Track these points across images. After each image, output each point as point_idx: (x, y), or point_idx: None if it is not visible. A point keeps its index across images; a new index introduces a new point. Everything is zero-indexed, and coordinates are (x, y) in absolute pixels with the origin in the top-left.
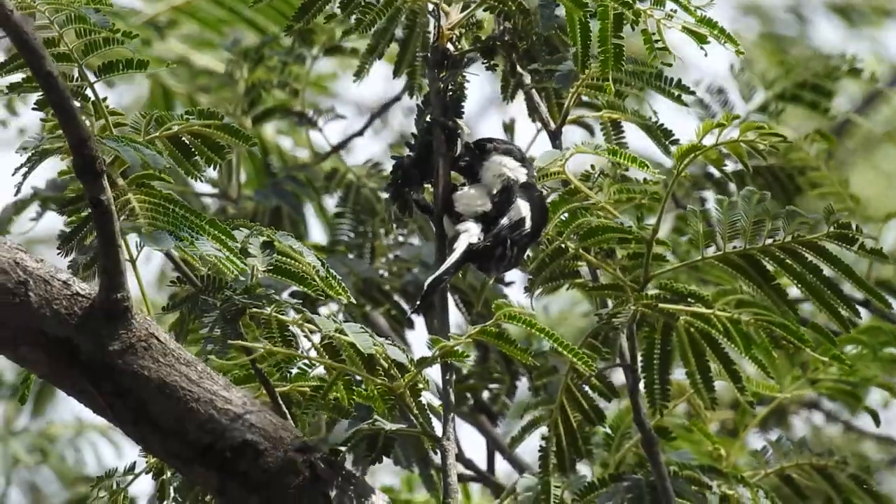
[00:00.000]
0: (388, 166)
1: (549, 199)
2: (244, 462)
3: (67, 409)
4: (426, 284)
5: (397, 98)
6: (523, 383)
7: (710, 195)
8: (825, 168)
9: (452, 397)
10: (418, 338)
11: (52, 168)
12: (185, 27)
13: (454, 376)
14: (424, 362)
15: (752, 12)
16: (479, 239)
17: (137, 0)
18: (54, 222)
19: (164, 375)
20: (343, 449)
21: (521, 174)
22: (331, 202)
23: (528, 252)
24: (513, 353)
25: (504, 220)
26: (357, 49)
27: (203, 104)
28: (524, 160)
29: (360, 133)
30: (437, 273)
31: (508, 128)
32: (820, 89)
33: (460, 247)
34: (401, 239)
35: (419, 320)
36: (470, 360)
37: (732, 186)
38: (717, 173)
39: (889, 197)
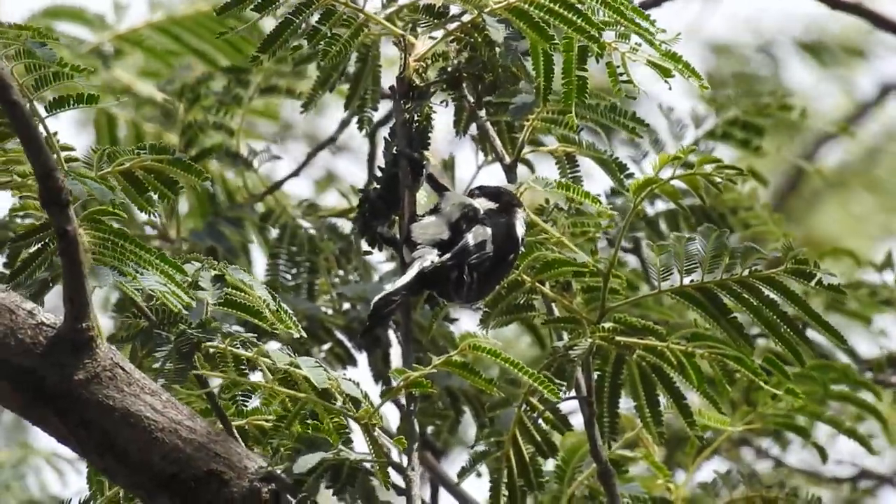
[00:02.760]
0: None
1: (521, 229)
2: (209, 491)
3: (12, 435)
4: (373, 303)
5: (333, 138)
6: (466, 419)
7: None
8: (758, 207)
9: (417, 427)
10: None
11: None
12: (130, 56)
13: (415, 407)
14: (389, 393)
15: (724, 52)
16: (432, 262)
17: (83, 29)
18: None
19: (129, 405)
20: (308, 479)
21: (486, 203)
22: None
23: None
24: (477, 383)
25: (461, 244)
26: (293, 88)
27: (147, 133)
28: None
29: (296, 173)
30: (385, 292)
31: (448, 165)
32: (751, 127)
33: (413, 269)
34: (339, 279)
35: (361, 359)
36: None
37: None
38: (649, 212)
39: (849, 239)
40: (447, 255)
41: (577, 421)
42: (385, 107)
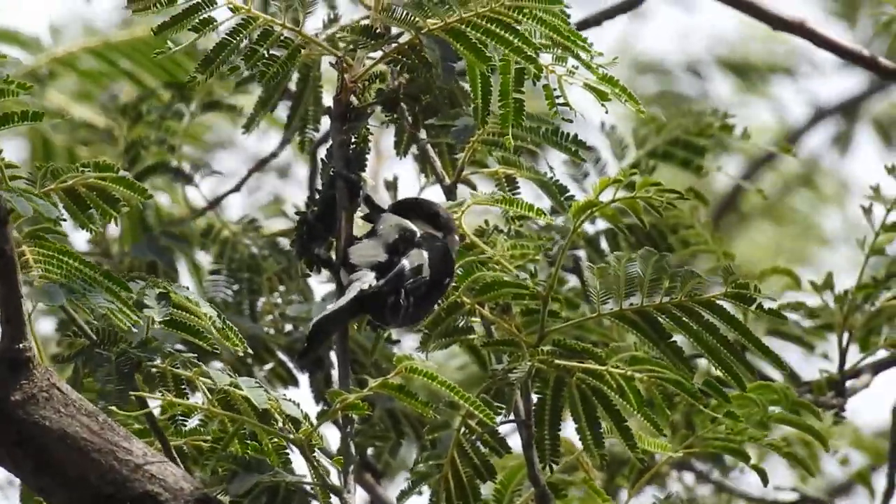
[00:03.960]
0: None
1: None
2: None
3: None
4: (311, 325)
5: (274, 154)
6: (406, 441)
7: (582, 253)
8: (699, 226)
9: (353, 449)
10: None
11: None
12: (64, 79)
13: (352, 429)
14: (326, 415)
15: (650, 70)
16: (370, 286)
17: (18, 51)
18: None
19: (66, 426)
20: (244, 500)
21: (422, 225)
22: (205, 259)
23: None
24: (414, 406)
25: (398, 268)
26: (235, 105)
27: (83, 157)
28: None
29: (237, 189)
30: (323, 313)
31: (391, 185)
32: (692, 147)
33: (351, 292)
34: (281, 298)
35: (303, 379)
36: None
37: (604, 244)
38: (589, 231)
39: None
40: (383, 280)
41: (517, 443)
42: (326, 126)
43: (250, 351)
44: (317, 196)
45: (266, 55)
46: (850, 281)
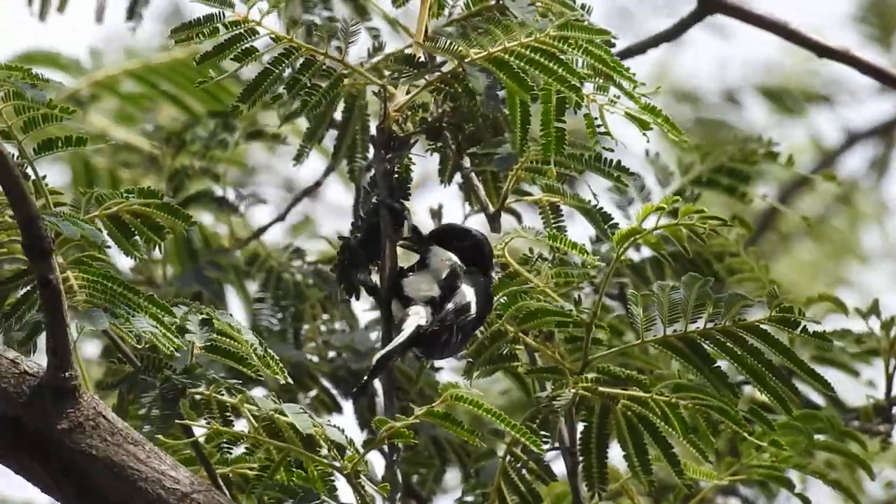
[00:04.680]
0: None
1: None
2: None
3: None
4: (374, 360)
5: (318, 184)
6: (450, 467)
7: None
8: (744, 254)
9: (399, 477)
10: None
11: None
12: (105, 102)
13: (398, 457)
14: (372, 443)
15: (685, 99)
16: (428, 322)
17: (59, 74)
18: None
19: (112, 454)
20: None
21: (463, 254)
22: (253, 287)
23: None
24: (460, 434)
25: (450, 306)
26: (279, 135)
27: (125, 180)
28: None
29: (282, 218)
30: (385, 350)
31: (436, 213)
32: (737, 173)
33: (409, 328)
34: (325, 325)
35: (347, 406)
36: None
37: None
38: (635, 258)
39: (810, 285)
40: (440, 317)
41: (561, 469)
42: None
43: (290, 381)
44: (360, 222)
45: (308, 84)
46: (891, 299)
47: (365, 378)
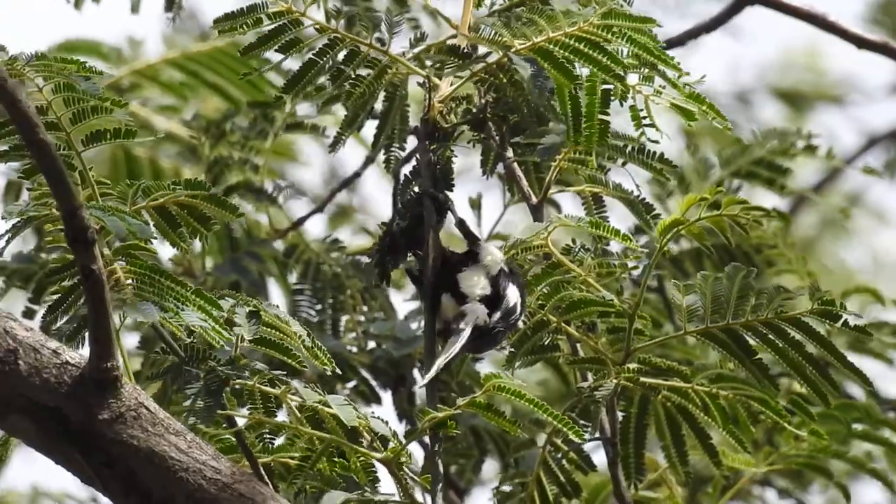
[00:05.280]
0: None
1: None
2: None
3: (23, 476)
4: (437, 363)
5: (357, 174)
6: (489, 457)
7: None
8: (782, 246)
9: (441, 468)
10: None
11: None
12: (145, 91)
13: (440, 447)
14: (415, 433)
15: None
16: (486, 322)
17: (100, 63)
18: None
19: (154, 445)
20: None
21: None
22: (292, 278)
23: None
24: (502, 424)
25: (510, 306)
26: (318, 126)
27: (166, 169)
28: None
29: (321, 209)
30: (450, 353)
31: (474, 203)
32: (776, 167)
33: (468, 326)
34: (364, 316)
35: (386, 397)
36: None
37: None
38: (674, 250)
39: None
40: (498, 317)
41: (600, 459)
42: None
43: (338, 370)
44: (402, 211)
45: (353, 75)
46: None
47: (426, 378)
